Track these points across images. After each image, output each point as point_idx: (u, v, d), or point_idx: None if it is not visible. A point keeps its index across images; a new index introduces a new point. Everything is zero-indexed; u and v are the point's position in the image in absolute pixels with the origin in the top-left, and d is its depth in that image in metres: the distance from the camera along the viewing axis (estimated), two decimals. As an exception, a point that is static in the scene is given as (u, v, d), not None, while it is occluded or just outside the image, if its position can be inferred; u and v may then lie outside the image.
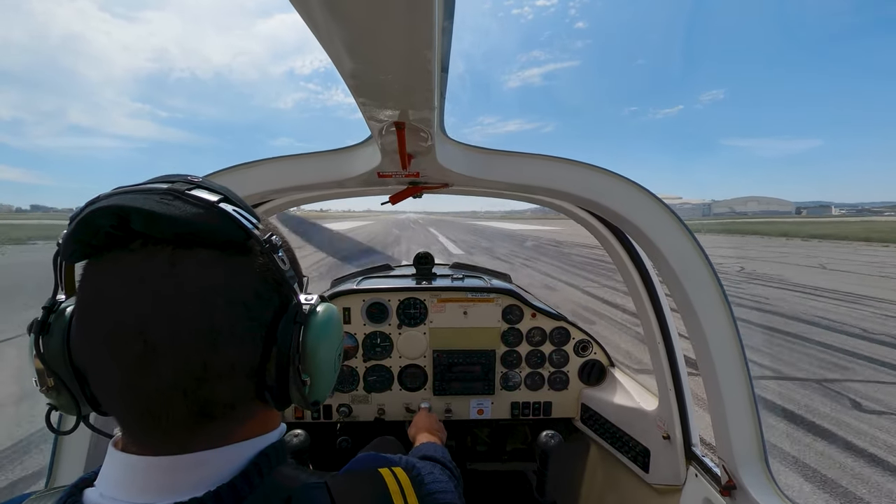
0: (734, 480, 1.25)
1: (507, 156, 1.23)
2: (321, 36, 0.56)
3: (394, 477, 0.62)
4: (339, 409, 2.21)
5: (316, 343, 0.52)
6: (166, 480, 0.47)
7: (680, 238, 1.22)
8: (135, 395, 0.45)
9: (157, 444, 0.48)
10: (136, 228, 0.44)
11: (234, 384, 0.48)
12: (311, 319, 0.52)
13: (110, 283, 0.45)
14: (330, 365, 0.55)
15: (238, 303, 0.47)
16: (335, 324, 0.56)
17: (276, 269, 0.50)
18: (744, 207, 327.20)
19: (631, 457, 1.85)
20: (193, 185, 0.49)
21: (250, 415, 0.52)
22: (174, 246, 0.45)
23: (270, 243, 0.49)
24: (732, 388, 1.22)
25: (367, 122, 0.89)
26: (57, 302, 0.53)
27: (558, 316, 2.24)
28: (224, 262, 0.47)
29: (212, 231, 0.46)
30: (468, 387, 2.23)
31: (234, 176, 1.26)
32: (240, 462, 0.50)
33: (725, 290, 1.21)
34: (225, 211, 0.47)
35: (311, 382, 0.52)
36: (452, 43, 0.67)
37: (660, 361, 1.60)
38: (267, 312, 0.50)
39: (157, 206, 0.44)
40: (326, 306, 0.56)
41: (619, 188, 1.23)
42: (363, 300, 2.20)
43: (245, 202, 0.52)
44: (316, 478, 0.55)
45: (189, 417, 0.46)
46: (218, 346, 0.45)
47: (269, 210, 1.72)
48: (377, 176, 1.25)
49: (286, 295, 0.52)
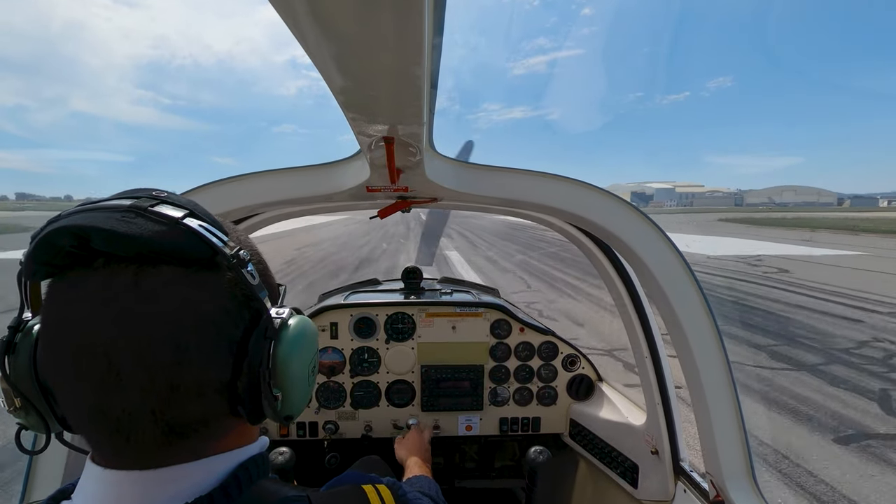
0: (722, 495, 1.25)
1: (495, 171, 1.24)
2: (311, 52, 0.56)
3: (377, 494, 0.61)
4: (326, 427, 2.17)
5: (287, 357, 0.51)
6: (143, 495, 0.46)
7: (664, 251, 1.24)
8: (102, 415, 0.44)
9: (130, 460, 0.47)
10: (98, 248, 0.43)
11: (204, 401, 0.47)
12: (282, 334, 0.51)
13: (74, 302, 0.44)
14: (303, 379, 0.54)
15: (206, 320, 0.46)
16: (307, 337, 0.55)
17: (245, 285, 0.49)
18: (780, 198, 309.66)
19: (619, 472, 1.84)
20: (158, 200, 0.48)
21: (226, 430, 0.52)
22: (138, 264, 0.44)
23: (238, 258, 0.48)
24: (719, 402, 1.23)
25: (357, 136, 0.90)
26: (23, 321, 0.51)
27: (546, 331, 2.25)
28: (190, 280, 0.46)
29: (176, 248, 0.45)
30: (456, 402, 2.21)
31: (222, 189, 1.25)
32: (218, 475, 0.50)
33: (711, 304, 1.23)
34: (189, 227, 0.46)
35: (284, 397, 0.52)
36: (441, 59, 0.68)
37: (647, 376, 1.61)
38: (236, 328, 0.49)
39: (118, 224, 0.43)
40: (299, 319, 0.55)
41: (605, 203, 1.25)
42: (350, 315, 2.18)
43: (213, 217, 0.51)
44: (297, 492, 0.55)
45: (159, 436, 0.46)
46: (185, 365, 0.45)
47: (256, 223, 1.70)
48: (366, 190, 1.25)
49: (257, 309, 0.51)
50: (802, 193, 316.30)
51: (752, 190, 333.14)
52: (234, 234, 0.55)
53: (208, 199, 1.24)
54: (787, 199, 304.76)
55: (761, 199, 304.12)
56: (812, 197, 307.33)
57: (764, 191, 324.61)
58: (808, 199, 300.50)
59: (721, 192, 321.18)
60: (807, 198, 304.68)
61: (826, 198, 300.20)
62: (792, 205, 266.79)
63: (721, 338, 1.23)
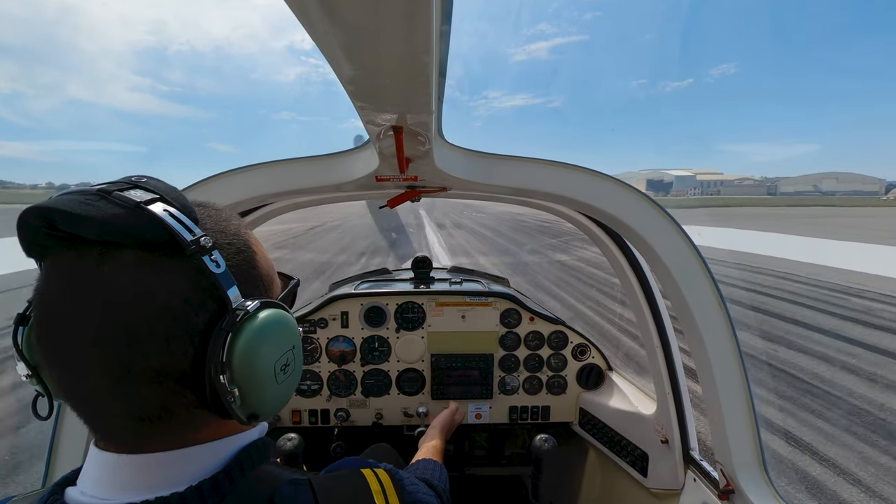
0: (732, 485, 1.25)
1: (505, 160, 1.23)
2: (320, 41, 0.56)
3: (376, 477, 0.62)
4: (337, 414, 2.20)
5: (246, 352, 0.48)
6: (142, 477, 0.48)
7: (678, 242, 1.23)
8: (70, 392, 0.47)
9: (117, 442, 0.49)
10: (63, 229, 0.45)
11: (162, 389, 0.46)
12: (244, 326, 0.49)
13: (49, 282, 0.46)
14: (267, 376, 0.51)
15: (161, 307, 0.45)
16: (276, 332, 0.52)
17: (208, 273, 0.48)
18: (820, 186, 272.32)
19: (629, 461, 1.85)
20: (132, 185, 0.48)
21: (202, 421, 0.51)
22: (102, 247, 0.45)
23: (198, 245, 0.47)
24: (730, 392, 1.22)
25: (365, 125, 0.90)
26: None
27: (556, 320, 2.24)
28: (150, 265, 0.46)
29: (134, 232, 0.45)
30: (466, 391, 2.23)
31: (230, 180, 1.26)
32: (220, 459, 0.51)
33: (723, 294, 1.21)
34: (150, 211, 0.45)
35: (242, 394, 0.49)
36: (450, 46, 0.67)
37: (658, 366, 1.60)
38: (199, 318, 0.48)
39: (79, 206, 0.44)
40: (269, 312, 0.52)
41: (616, 192, 1.23)
42: (361, 304, 2.20)
43: (188, 204, 0.50)
44: (299, 475, 0.56)
45: (128, 420, 0.47)
46: (138, 350, 0.45)
47: (267, 213, 1.72)
48: (375, 180, 1.25)
49: (223, 300, 0.49)
50: (845, 181, 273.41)
51: (786, 178, 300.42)
52: (217, 221, 0.54)
53: (217, 190, 1.25)
54: (827, 187, 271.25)
55: (797, 188, 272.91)
56: (857, 185, 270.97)
57: (799, 178, 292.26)
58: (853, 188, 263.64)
59: (751, 180, 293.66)
60: (850, 186, 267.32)
61: (871, 185, 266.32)
62: (840, 194, 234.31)
63: (734, 329, 1.21)
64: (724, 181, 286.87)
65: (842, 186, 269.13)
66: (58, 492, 0.50)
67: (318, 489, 0.54)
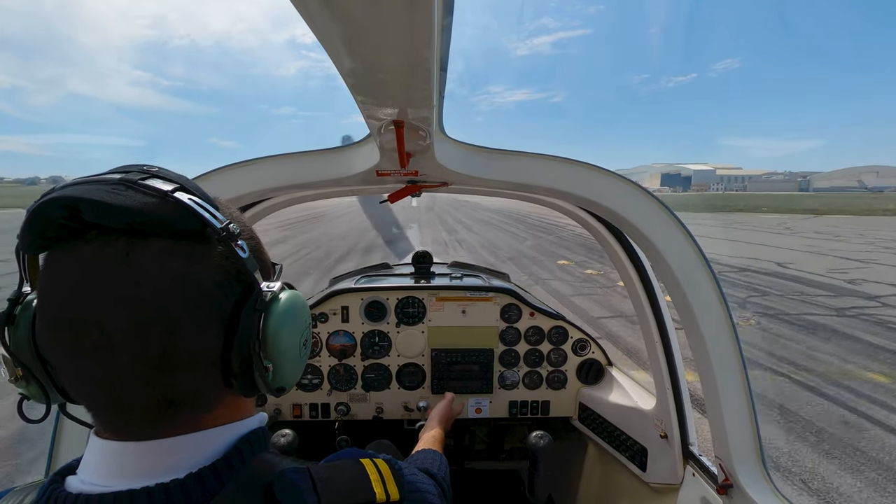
0: (731, 479, 1.25)
1: (506, 154, 1.23)
2: (320, 34, 0.56)
3: (374, 466, 0.63)
4: (338, 408, 2.21)
5: (277, 330, 0.52)
6: (143, 464, 0.48)
7: (678, 237, 1.22)
8: (96, 384, 0.46)
9: (127, 431, 0.49)
10: (88, 219, 0.44)
11: (196, 372, 0.48)
12: (272, 307, 0.52)
13: (67, 273, 0.45)
14: (294, 351, 0.56)
15: (196, 292, 0.47)
16: (297, 310, 0.56)
17: (235, 258, 0.50)
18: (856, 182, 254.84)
19: (628, 456, 1.86)
20: (148, 174, 0.48)
21: (218, 402, 0.53)
22: (128, 236, 0.45)
23: (228, 232, 0.49)
24: (730, 387, 1.22)
25: (366, 120, 0.89)
26: (22, 294, 0.53)
27: (556, 315, 2.25)
28: (180, 252, 0.47)
29: (166, 220, 0.46)
30: (466, 385, 2.24)
31: (232, 173, 1.26)
32: (220, 446, 0.52)
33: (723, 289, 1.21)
34: (179, 200, 0.47)
35: (275, 369, 0.53)
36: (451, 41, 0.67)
37: (658, 361, 1.60)
38: (227, 301, 0.50)
39: (108, 196, 0.44)
40: (290, 293, 0.56)
41: (617, 188, 1.23)
42: (361, 298, 2.20)
43: (204, 192, 0.52)
44: (298, 464, 0.56)
45: (152, 406, 0.47)
46: (176, 336, 0.46)
47: (268, 208, 1.71)
48: (376, 175, 1.25)
49: (248, 283, 0.52)
50: (886, 176, 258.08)
51: (819, 173, 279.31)
52: (227, 210, 0.56)
53: (217, 184, 1.25)
54: (868, 182, 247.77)
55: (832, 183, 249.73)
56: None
57: (833, 173, 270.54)
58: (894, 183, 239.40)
59: (781, 175, 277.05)
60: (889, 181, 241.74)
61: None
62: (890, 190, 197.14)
63: (733, 323, 1.22)
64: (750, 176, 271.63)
65: (881, 182, 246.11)
66: (58, 480, 0.50)
67: (317, 476, 0.55)
